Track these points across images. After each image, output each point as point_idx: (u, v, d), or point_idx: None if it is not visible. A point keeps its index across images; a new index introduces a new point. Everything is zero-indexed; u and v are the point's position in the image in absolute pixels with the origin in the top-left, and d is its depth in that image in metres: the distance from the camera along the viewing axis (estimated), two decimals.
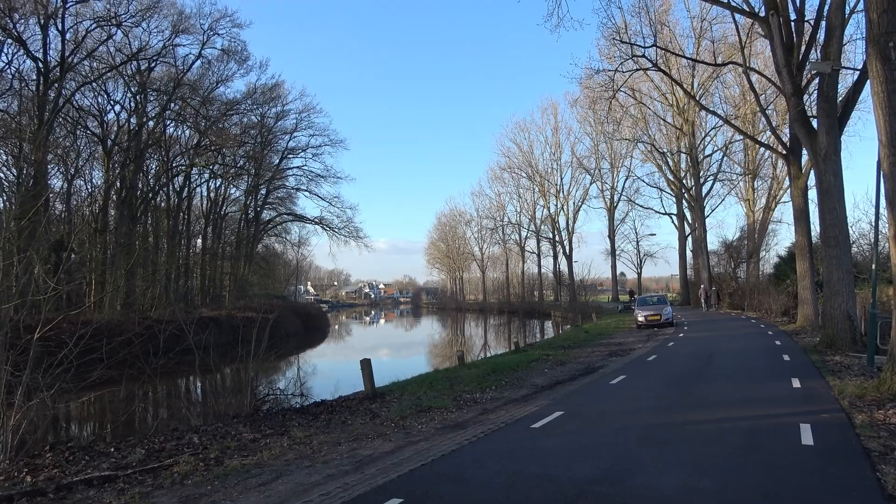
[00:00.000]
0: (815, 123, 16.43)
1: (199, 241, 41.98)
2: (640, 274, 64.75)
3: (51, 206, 25.74)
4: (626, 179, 56.44)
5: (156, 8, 29.22)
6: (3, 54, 25.24)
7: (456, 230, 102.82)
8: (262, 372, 16.13)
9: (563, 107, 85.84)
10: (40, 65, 25.74)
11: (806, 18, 18.31)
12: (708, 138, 42.45)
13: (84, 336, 7.79)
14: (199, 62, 33.18)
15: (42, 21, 25.68)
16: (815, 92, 17.14)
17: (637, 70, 25.01)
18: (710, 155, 42.64)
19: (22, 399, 6.91)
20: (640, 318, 24.49)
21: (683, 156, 42.89)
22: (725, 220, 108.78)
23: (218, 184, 41.46)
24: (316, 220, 47.67)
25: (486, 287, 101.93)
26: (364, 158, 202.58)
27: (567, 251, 59.26)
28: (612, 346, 18.07)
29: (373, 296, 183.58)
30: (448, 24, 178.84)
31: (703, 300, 36.37)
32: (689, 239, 45.28)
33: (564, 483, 5.14)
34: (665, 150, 43.26)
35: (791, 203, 21.76)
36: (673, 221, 47.88)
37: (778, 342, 16.57)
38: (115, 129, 31.29)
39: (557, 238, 62.07)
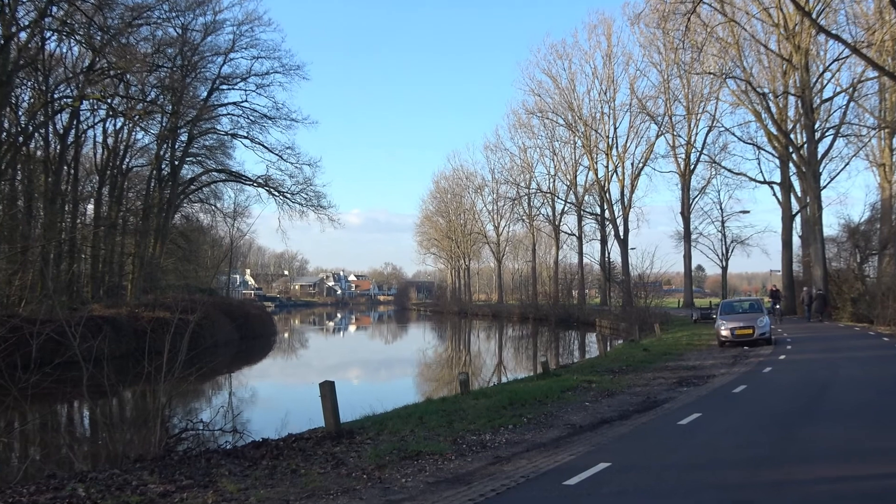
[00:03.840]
0: None
1: (91, 206, 41.97)
2: (725, 268, 64.75)
3: None
4: (708, 132, 56.43)
5: None
6: None
7: (461, 200, 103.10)
8: (178, 397, 16.15)
9: (621, 24, 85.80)
10: None
11: None
12: (828, 74, 42.20)
13: None
14: None
15: None
16: None
17: None
18: (831, 98, 42.44)
19: None
20: (725, 332, 24.53)
21: (792, 99, 42.68)
22: (850, 194, 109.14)
23: (119, 125, 41.38)
24: (260, 180, 47.81)
25: (502, 282, 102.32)
26: (331, 99, 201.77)
27: (621, 233, 59.33)
28: (681, 372, 18.10)
29: (339, 291, 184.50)
30: None
31: (805, 306, 36.55)
32: (798, 219, 45.21)
33: None
34: (766, 91, 43.05)
35: None
36: (775, 194, 47.85)
37: None
38: None
39: (607, 214, 62.17)
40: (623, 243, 58.73)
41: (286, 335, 61.29)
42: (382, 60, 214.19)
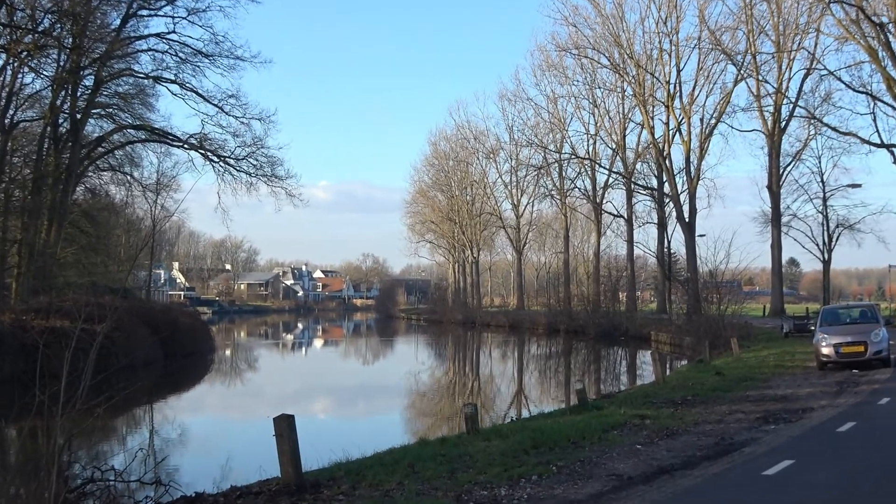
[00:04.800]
0: None
1: None
2: (827, 262, 64.60)
3: None
4: (805, 76, 56.30)
5: None
6: None
7: (468, 168, 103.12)
8: (81, 436, 16.09)
9: None
10: None
11: None
12: None
13: None
14: None
15: None
16: None
17: None
18: None
19: None
20: (826, 350, 24.51)
21: None
22: None
23: (0, 64, 41.16)
24: (192, 140, 47.54)
25: (523, 281, 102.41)
26: (289, 41, 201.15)
27: (686, 215, 59.18)
28: (767, 403, 18.11)
29: (301, 292, 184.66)
30: None
31: None
32: None
33: None
34: (885, 20, 42.90)
35: None
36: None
37: None
38: None
39: (667, 189, 61.98)
40: (689, 228, 58.43)
41: (228, 352, 61.29)
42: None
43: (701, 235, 55.97)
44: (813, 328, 29.93)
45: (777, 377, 23.54)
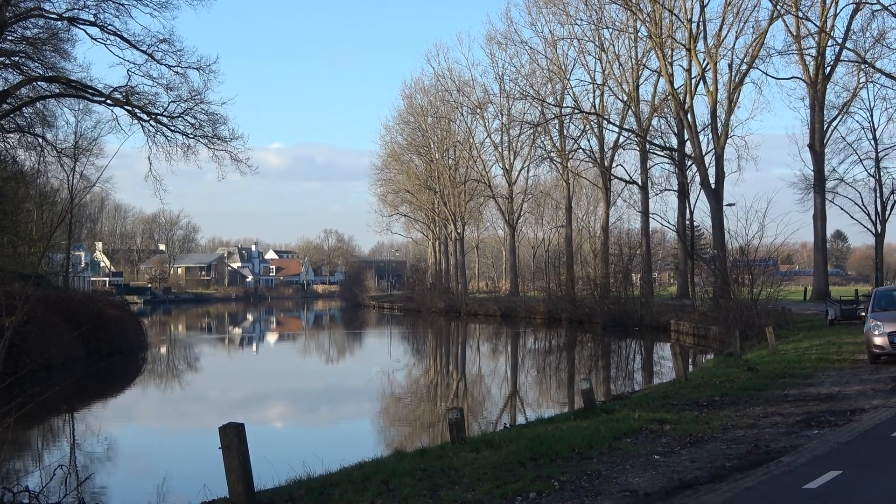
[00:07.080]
0: None
1: None
2: (880, 235, 64.76)
3: None
4: (854, 12, 56.21)
5: None
6: None
7: (450, 126, 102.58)
8: None
9: None
10: None
11: None
12: None
13: None
14: None
15: None
16: None
17: None
18: None
19: None
20: (880, 340, 24.56)
21: None
22: None
23: None
24: (117, 94, 47.10)
25: (517, 262, 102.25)
26: None
27: (711, 180, 59.25)
28: (809, 404, 18.22)
29: (250, 277, 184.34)
30: None
31: None
32: None
33: None
34: None
35: None
36: None
37: None
38: None
39: (690, 149, 62.00)
40: (715, 196, 58.36)
41: (163, 350, 61.10)
42: None
43: (730, 205, 56.06)
44: (863, 314, 30.04)
45: (821, 373, 23.65)
